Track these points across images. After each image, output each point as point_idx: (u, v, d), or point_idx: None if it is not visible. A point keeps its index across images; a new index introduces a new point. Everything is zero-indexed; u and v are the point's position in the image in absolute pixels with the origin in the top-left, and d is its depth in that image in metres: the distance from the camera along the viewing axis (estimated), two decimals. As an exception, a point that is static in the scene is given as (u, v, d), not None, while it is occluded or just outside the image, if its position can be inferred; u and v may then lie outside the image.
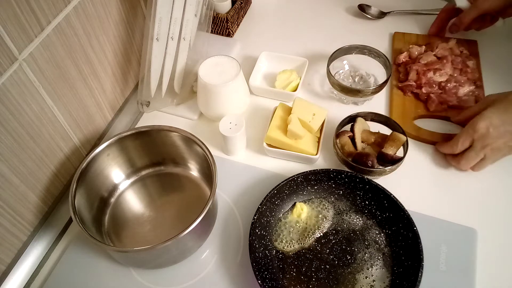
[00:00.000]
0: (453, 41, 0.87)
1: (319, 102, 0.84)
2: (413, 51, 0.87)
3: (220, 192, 0.72)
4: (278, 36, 0.99)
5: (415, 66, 0.83)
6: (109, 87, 0.78)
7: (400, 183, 0.71)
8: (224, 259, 0.66)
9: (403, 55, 0.88)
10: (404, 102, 0.82)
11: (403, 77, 0.85)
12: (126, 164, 0.72)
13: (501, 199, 0.70)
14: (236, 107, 0.79)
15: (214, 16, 0.93)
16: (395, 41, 0.94)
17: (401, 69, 0.87)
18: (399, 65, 0.88)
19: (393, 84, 0.85)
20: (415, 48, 0.87)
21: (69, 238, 0.70)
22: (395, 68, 0.88)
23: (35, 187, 0.65)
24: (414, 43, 0.90)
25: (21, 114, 0.59)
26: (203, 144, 0.65)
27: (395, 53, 0.91)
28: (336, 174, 0.69)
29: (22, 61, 0.57)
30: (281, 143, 0.75)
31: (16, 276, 0.64)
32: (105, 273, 0.66)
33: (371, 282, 0.62)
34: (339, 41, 0.88)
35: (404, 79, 0.84)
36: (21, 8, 0.55)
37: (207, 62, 0.77)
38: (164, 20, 0.74)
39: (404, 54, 0.87)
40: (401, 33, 0.95)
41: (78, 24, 0.65)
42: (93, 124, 0.76)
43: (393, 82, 0.85)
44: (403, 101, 0.82)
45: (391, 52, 0.92)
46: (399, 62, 0.88)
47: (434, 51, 0.86)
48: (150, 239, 0.67)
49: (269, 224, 0.67)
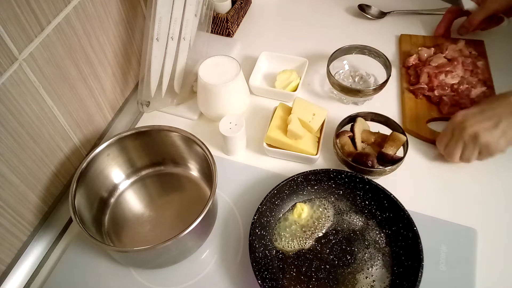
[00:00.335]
0: (462, 42, 0.87)
1: (319, 102, 0.84)
2: (422, 53, 0.86)
3: (220, 192, 0.72)
4: (278, 36, 0.99)
5: (426, 68, 0.82)
6: (109, 87, 0.78)
7: (400, 183, 0.71)
8: (224, 259, 0.66)
9: (413, 57, 0.86)
10: (417, 105, 0.81)
11: (414, 80, 0.84)
12: (126, 164, 0.72)
13: (501, 199, 0.70)
14: (236, 107, 0.79)
15: (214, 16, 0.93)
16: (402, 43, 0.92)
17: (411, 72, 0.86)
18: (408, 68, 0.87)
19: (404, 87, 0.84)
20: (424, 51, 0.86)
21: (69, 238, 0.70)
22: (404, 71, 0.87)
23: (35, 187, 0.65)
24: (421, 45, 0.89)
25: (21, 114, 0.59)
26: (203, 144, 0.65)
27: (403, 56, 0.90)
28: (336, 174, 0.69)
29: (22, 61, 0.57)
30: (281, 143, 0.75)
31: (16, 276, 0.64)
32: (105, 273, 0.66)
33: (371, 282, 0.62)
34: (339, 41, 0.88)
35: (415, 82, 0.83)
36: (21, 8, 0.55)
37: (207, 62, 0.77)
38: (164, 20, 0.74)
39: (413, 57, 0.86)
40: (407, 35, 0.94)
41: (78, 24, 0.65)
42: (93, 124, 0.76)
43: (404, 85, 0.84)
44: (416, 104, 0.81)
45: (399, 54, 0.91)
46: (408, 64, 0.86)
47: (444, 53, 0.85)
48: (150, 239, 0.67)
49: (269, 224, 0.67)
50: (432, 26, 0.95)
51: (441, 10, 0.99)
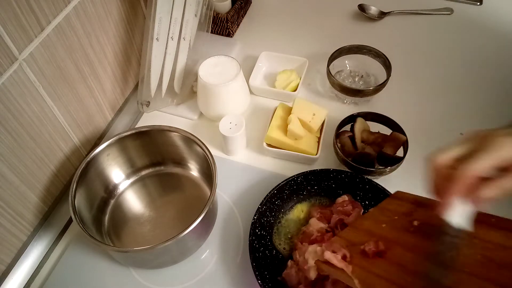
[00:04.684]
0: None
1: (319, 102, 0.84)
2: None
3: (220, 192, 0.72)
4: (278, 36, 0.99)
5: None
6: (109, 87, 0.78)
7: (400, 183, 0.71)
8: (224, 259, 0.66)
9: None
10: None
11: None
12: (126, 164, 0.72)
13: (500, 198, 0.70)
14: (236, 107, 0.79)
15: (214, 16, 0.93)
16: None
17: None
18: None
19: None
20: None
21: (69, 238, 0.70)
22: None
23: (35, 187, 0.65)
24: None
25: (21, 114, 0.59)
26: (203, 144, 0.65)
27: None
28: (336, 174, 0.69)
29: (22, 61, 0.57)
30: (281, 143, 0.75)
31: (16, 276, 0.64)
32: (105, 273, 0.66)
33: (371, 282, 0.62)
34: (339, 41, 0.88)
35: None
36: (21, 8, 0.55)
37: (207, 62, 0.77)
38: (164, 20, 0.74)
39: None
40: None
41: (78, 24, 0.65)
42: (93, 124, 0.76)
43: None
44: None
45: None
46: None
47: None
48: (150, 239, 0.67)
49: (269, 224, 0.67)
50: (431, 26, 0.95)
51: (441, 10, 1.00)
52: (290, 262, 0.61)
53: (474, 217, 0.44)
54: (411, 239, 0.49)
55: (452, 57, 0.92)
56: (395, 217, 0.54)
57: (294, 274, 0.60)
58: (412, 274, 0.44)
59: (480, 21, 0.98)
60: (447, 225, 0.43)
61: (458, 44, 0.95)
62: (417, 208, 0.54)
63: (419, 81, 0.88)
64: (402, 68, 0.87)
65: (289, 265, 0.61)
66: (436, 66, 0.91)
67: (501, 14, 0.99)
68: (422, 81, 0.88)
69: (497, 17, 0.99)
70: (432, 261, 0.44)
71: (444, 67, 0.90)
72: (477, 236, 0.43)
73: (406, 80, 0.87)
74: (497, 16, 0.99)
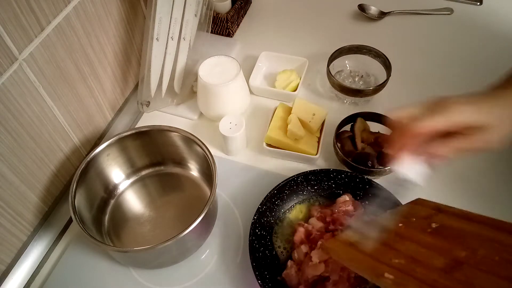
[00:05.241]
0: None
1: (319, 102, 0.84)
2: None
3: (220, 192, 0.72)
4: (278, 36, 0.99)
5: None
6: (109, 87, 0.78)
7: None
8: (224, 259, 0.66)
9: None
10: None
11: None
12: (126, 164, 0.72)
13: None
14: (236, 107, 0.79)
15: (214, 16, 0.93)
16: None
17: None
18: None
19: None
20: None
21: (69, 238, 0.70)
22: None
23: (35, 187, 0.65)
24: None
25: (21, 114, 0.59)
26: (203, 144, 0.65)
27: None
28: (336, 174, 0.69)
29: (22, 61, 0.57)
30: (281, 143, 0.75)
31: (16, 276, 0.64)
32: (105, 273, 0.66)
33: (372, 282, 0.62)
34: (339, 41, 0.88)
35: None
36: (21, 8, 0.55)
37: (207, 62, 0.77)
38: (164, 20, 0.74)
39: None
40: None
41: (78, 24, 0.65)
42: (93, 124, 0.76)
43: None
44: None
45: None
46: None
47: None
48: (150, 239, 0.67)
49: (269, 224, 0.67)
50: (431, 26, 0.95)
51: (441, 10, 1.00)
52: (290, 262, 0.61)
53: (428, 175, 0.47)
54: (427, 238, 0.49)
55: (452, 57, 0.92)
56: (412, 218, 0.54)
57: (294, 274, 0.60)
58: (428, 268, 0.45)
59: (480, 21, 0.98)
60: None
61: (458, 44, 0.95)
62: (438, 213, 0.53)
63: (419, 81, 0.88)
64: (402, 68, 0.86)
65: (289, 265, 0.61)
66: (436, 66, 0.91)
67: (501, 14, 0.99)
68: (422, 81, 0.88)
69: (497, 17, 0.99)
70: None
71: (444, 67, 0.90)
72: (498, 241, 0.44)
73: (406, 80, 0.87)
74: (497, 16, 0.99)
